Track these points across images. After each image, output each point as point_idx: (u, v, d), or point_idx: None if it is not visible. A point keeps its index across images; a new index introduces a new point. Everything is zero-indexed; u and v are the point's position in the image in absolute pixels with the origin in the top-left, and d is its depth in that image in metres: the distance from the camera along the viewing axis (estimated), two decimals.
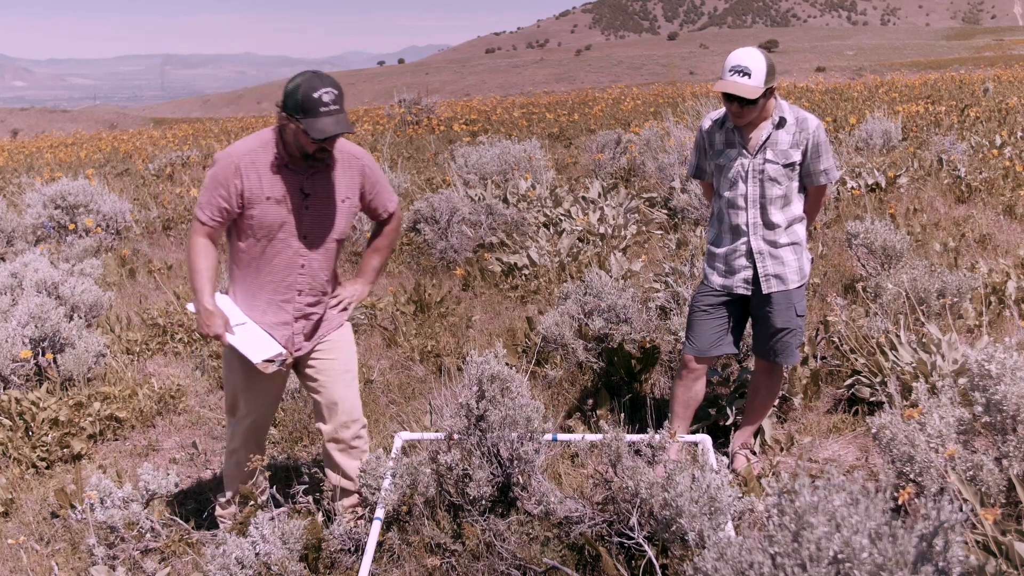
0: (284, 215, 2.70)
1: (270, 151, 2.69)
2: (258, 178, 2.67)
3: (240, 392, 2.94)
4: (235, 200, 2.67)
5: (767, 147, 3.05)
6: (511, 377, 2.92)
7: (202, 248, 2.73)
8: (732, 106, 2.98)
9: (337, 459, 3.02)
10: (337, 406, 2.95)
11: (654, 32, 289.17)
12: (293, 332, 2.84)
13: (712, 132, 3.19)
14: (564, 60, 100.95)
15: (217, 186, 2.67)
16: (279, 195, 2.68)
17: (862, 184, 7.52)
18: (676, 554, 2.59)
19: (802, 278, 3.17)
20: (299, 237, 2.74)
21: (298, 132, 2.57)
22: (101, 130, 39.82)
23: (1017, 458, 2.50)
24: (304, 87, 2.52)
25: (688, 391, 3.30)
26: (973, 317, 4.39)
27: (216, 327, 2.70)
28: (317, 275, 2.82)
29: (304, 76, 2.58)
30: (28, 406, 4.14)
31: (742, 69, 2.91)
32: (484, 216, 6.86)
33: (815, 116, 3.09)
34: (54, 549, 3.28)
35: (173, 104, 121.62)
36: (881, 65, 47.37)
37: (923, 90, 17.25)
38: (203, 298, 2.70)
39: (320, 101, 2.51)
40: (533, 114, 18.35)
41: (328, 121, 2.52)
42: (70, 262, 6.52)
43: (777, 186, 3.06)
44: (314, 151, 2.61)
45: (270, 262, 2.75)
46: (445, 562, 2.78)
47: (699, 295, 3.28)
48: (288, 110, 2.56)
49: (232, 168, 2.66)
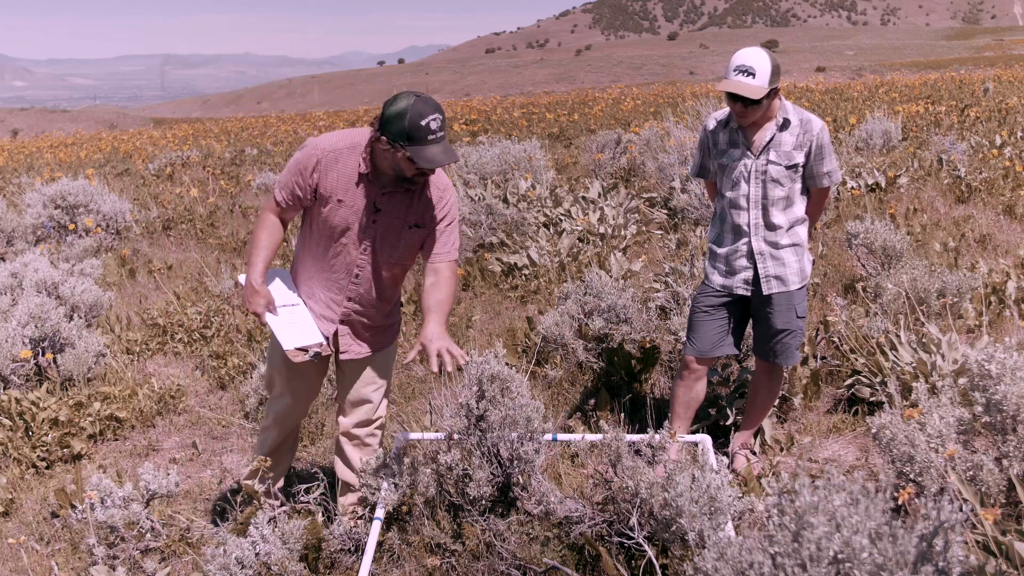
0: (350, 222, 2.67)
1: (356, 156, 2.62)
2: (335, 178, 2.63)
3: (277, 373, 2.97)
4: (308, 191, 2.66)
5: (770, 148, 3.05)
6: (511, 377, 2.92)
7: (269, 224, 2.73)
8: (736, 106, 2.97)
9: (348, 452, 3.05)
10: (360, 406, 2.98)
11: (654, 32, 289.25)
12: (338, 331, 2.84)
13: (716, 132, 3.18)
14: (564, 60, 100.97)
15: (297, 172, 2.66)
16: (350, 201, 2.65)
17: (862, 184, 7.52)
18: (676, 554, 2.59)
19: (803, 280, 3.17)
20: (360, 249, 2.72)
21: (402, 159, 2.48)
22: (101, 130, 39.83)
23: (1017, 458, 2.50)
24: (412, 114, 2.42)
25: (689, 391, 3.30)
26: (973, 317, 4.39)
27: (258, 305, 2.70)
28: (370, 290, 2.79)
29: (409, 101, 2.45)
30: (28, 406, 4.14)
31: (747, 69, 2.89)
32: (484, 216, 6.86)
33: (818, 118, 3.09)
34: (54, 549, 3.28)
35: (173, 104, 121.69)
36: (881, 65, 47.38)
37: (923, 90, 17.26)
38: (253, 274, 2.71)
39: (429, 129, 2.42)
40: (533, 114, 18.35)
41: (436, 150, 2.45)
42: (70, 262, 6.52)
43: (779, 187, 3.06)
44: (412, 175, 2.55)
45: (330, 260, 2.75)
46: (445, 562, 2.79)
47: (700, 295, 3.28)
48: (391, 135, 2.46)
49: (314, 160, 2.63)
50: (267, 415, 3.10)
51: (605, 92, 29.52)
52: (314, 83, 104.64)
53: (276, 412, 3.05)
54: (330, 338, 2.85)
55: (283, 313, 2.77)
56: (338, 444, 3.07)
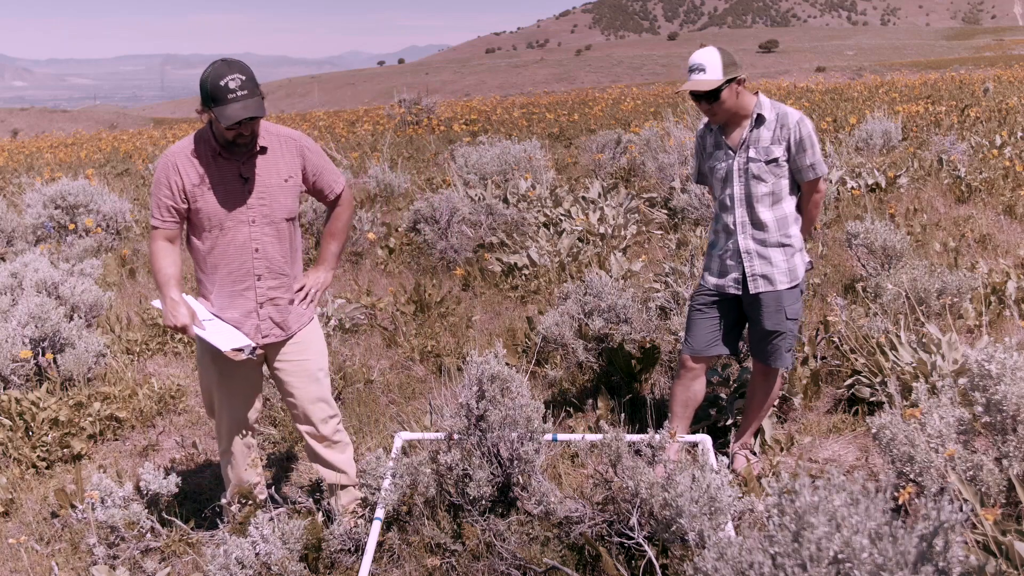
0: (228, 202, 2.75)
1: (203, 144, 2.75)
2: (195, 170, 2.73)
3: (215, 389, 2.97)
4: (179, 196, 2.74)
5: (749, 145, 3.08)
6: (511, 377, 2.92)
7: (161, 249, 2.79)
8: (701, 105, 3.06)
9: (326, 456, 3.05)
10: (314, 406, 2.98)
11: (654, 32, 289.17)
12: (259, 319, 2.86)
13: (704, 136, 3.25)
14: (564, 60, 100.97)
15: (160, 187, 2.74)
16: (219, 183, 2.74)
17: (862, 184, 7.52)
18: (676, 554, 2.59)
19: (792, 280, 3.13)
20: (247, 222, 2.78)
21: (214, 121, 2.63)
22: (101, 130, 39.83)
23: (1017, 458, 2.50)
24: (212, 77, 2.57)
25: (687, 391, 3.30)
26: (973, 317, 4.39)
27: (182, 317, 2.72)
28: (273, 257, 2.84)
29: (213, 66, 2.63)
30: (28, 406, 4.14)
31: (697, 67, 2.99)
32: (484, 216, 6.86)
33: (797, 110, 3.10)
34: (54, 549, 3.28)
35: (173, 104, 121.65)
36: (881, 65, 47.37)
37: (923, 90, 17.26)
38: (168, 291, 2.75)
39: (227, 88, 2.55)
40: (533, 114, 18.35)
41: (236, 107, 2.56)
42: (70, 262, 6.52)
43: (763, 184, 3.06)
44: (233, 137, 2.66)
45: (225, 251, 2.79)
46: (445, 562, 2.79)
47: (696, 295, 3.31)
48: (203, 102, 2.61)
49: (170, 166, 2.73)
50: (220, 438, 3.08)
51: (605, 92, 29.52)
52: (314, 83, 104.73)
53: (227, 430, 3.03)
54: (257, 337, 2.86)
55: (207, 325, 2.79)
56: (314, 454, 3.07)
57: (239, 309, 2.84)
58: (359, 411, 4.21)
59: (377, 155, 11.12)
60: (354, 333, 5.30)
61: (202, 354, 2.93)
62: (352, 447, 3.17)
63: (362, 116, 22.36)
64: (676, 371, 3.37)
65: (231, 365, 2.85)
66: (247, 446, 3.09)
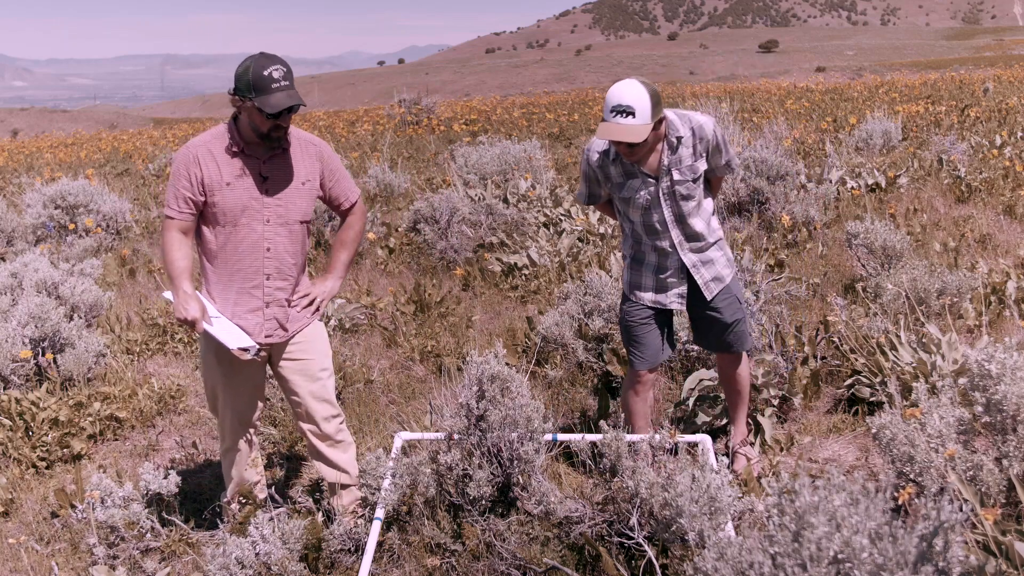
0: (245, 199, 2.76)
1: (225, 139, 2.77)
2: (216, 165, 2.74)
3: (219, 387, 2.97)
4: (197, 188, 2.74)
5: (671, 169, 2.94)
6: (511, 377, 2.93)
7: (175, 240, 2.79)
8: (621, 147, 2.83)
9: (329, 455, 3.06)
10: (318, 405, 2.99)
11: (654, 32, 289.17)
12: (264, 319, 2.86)
13: (604, 166, 3.02)
14: (564, 60, 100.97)
15: (179, 178, 2.75)
16: (238, 180, 2.75)
17: (862, 184, 7.52)
18: (676, 554, 2.59)
19: (732, 265, 3.18)
20: (262, 221, 2.79)
21: (252, 111, 2.64)
22: (101, 130, 39.84)
23: (1017, 458, 2.50)
24: (254, 67, 2.61)
25: (645, 403, 3.29)
26: (973, 317, 4.39)
27: (192, 311, 2.72)
28: (284, 258, 2.85)
29: (253, 57, 2.66)
30: (28, 406, 4.14)
31: (624, 109, 2.71)
32: (484, 216, 6.86)
33: (704, 115, 2.98)
34: (54, 549, 3.28)
35: (173, 104, 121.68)
36: (881, 65, 47.38)
37: (923, 90, 17.26)
38: (180, 283, 2.75)
39: (271, 78, 2.59)
40: (533, 114, 18.36)
41: (280, 96, 2.60)
42: (70, 262, 6.52)
43: (690, 200, 3.00)
44: (268, 129, 2.68)
45: (237, 248, 2.80)
46: (445, 562, 2.79)
47: (632, 309, 3.17)
48: (241, 92, 2.64)
49: (191, 158, 2.74)
50: (223, 436, 3.09)
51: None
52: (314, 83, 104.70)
53: (230, 428, 3.04)
54: (261, 336, 2.86)
55: (215, 322, 2.79)
56: (313, 449, 3.07)
57: (246, 306, 2.84)
58: (359, 411, 4.21)
59: (377, 155, 11.12)
60: (354, 333, 5.30)
61: (206, 352, 2.93)
62: (355, 447, 3.17)
63: (362, 116, 22.37)
64: (629, 387, 3.27)
65: (236, 363, 2.86)
66: (249, 444, 3.10)
